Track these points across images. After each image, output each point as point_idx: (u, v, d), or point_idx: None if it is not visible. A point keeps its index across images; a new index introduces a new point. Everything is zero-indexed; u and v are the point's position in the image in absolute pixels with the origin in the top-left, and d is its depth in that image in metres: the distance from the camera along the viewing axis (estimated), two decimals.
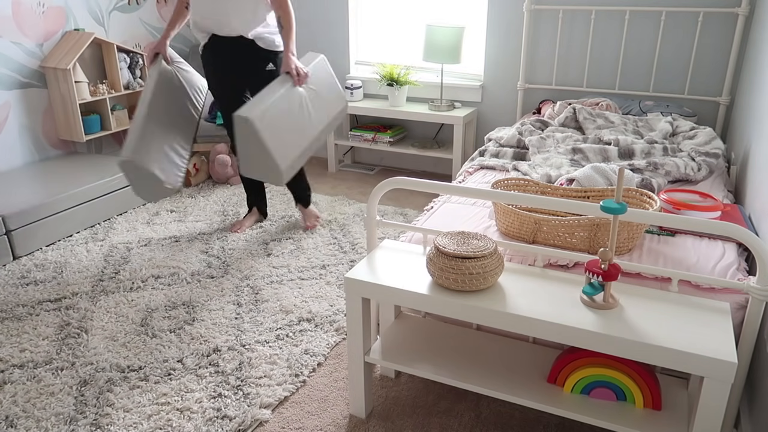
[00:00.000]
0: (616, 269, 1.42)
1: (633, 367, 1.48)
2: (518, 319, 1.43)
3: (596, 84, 3.51)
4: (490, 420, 1.79)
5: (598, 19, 3.39)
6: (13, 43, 3.29)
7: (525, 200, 1.58)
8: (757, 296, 1.41)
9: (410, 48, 4.02)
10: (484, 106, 3.87)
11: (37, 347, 2.14)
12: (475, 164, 2.72)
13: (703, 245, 1.82)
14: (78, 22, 3.65)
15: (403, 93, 3.85)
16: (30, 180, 3.14)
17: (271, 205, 3.48)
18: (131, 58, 3.82)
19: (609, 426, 1.46)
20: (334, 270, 2.70)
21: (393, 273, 1.63)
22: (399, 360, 1.71)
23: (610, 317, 1.41)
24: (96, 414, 1.81)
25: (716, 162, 2.50)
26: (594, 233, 1.73)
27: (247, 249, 2.92)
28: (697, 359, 1.27)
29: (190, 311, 2.37)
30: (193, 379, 1.97)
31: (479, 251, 1.49)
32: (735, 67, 3.14)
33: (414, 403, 1.87)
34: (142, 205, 3.48)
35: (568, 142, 2.74)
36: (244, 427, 1.75)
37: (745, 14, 3.02)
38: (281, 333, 2.21)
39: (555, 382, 1.58)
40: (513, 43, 3.64)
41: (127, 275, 2.66)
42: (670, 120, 2.88)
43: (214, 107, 3.87)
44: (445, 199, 2.26)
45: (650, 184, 2.27)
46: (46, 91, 3.50)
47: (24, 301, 2.45)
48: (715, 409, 1.30)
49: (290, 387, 1.93)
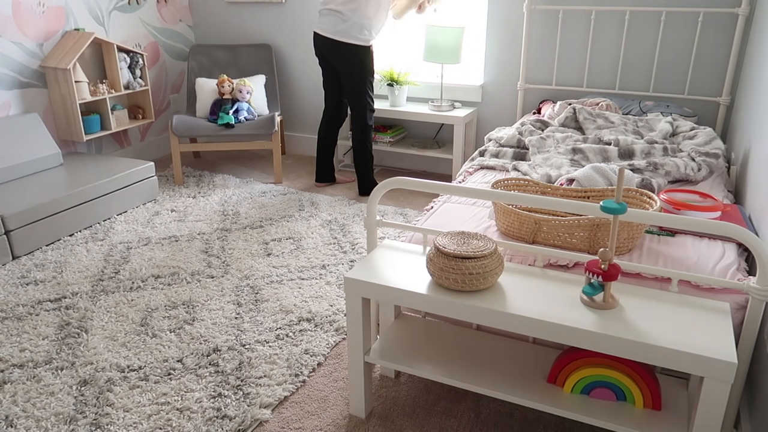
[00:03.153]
0: (616, 269, 1.42)
1: (633, 367, 1.48)
2: (518, 319, 1.43)
3: (596, 84, 3.51)
4: (489, 420, 1.79)
5: (598, 19, 3.39)
6: (13, 43, 3.29)
7: (525, 200, 1.58)
8: (757, 296, 1.41)
9: (410, 48, 4.02)
10: (484, 106, 3.87)
11: (37, 347, 2.14)
12: (475, 164, 2.72)
13: (703, 245, 1.82)
14: (78, 22, 3.65)
15: (403, 93, 3.85)
16: (30, 180, 3.15)
17: (272, 205, 3.49)
18: (131, 58, 3.82)
19: (609, 426, 1.46)
20: (334, 270, 2.70)
21: (393, 273, 1.63)
22: (399, 360, 1.71)
23: (610, 317, 1.41)
24: (96, 414, 1.81)
25: (716, 162, 2.49)
26: (594, 233, 1.73)
27: (247, 249, 2.92)
28: (697, 359, 1.27)
29: (190, 311, 2.37)
30: (193, 378, 1.97)
31: (479, 251, 1.49)
32: (735, 67, 3.14)
33: (414, 403, 1.87)
34: (142, 204, 3.48)
35: (568, 142, 2.74)
36: (244, 427, 1.75)
37: (745, 14, 3.02)
38: (281, 333, 2.21)
39: (555, 382, 1.58)
40: (513, 43, 3.64)
41: (127, 275, 2.66)
42: (670, 120, 2.88)
43: (215, 107, 3.87)
44: (445, 199, 2.26)
45: (650, 185, 2.27)
46: (46, 91, 3.50)
47: (24, 301, 2.45)
48: (715, 409, 1.30)
49: (290, 387, 1.93)
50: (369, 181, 3.66)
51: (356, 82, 3.43)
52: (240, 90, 3.87)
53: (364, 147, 3.57)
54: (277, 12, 4.25)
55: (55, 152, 3.34)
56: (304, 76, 4.35)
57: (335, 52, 3.38)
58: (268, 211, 3.41)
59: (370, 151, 3.60)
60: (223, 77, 3.89)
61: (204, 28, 4.55)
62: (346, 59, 3.38)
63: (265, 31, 4.34)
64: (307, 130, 4.53)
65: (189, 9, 4.52)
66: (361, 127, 3.53)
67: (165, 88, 4.42)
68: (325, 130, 3.71)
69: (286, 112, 4.54)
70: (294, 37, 4.27)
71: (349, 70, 3.41)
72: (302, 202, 3.54)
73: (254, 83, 4.02)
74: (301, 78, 4.37)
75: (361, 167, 3.63)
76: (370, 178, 3.66)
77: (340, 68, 3.44)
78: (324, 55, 3.45)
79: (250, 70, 4.22)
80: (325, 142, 3.74)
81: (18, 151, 3.18)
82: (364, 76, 3.44)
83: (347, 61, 3.38)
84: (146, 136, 4.34)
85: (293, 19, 4.22)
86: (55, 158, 3.35)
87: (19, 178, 3.18)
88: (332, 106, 3.65)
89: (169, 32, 4.36)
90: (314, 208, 3.44)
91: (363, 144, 3.57)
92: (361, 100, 3.47)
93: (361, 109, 3.49)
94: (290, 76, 4.40)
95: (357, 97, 3.47)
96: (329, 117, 3.68)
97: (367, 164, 3.62)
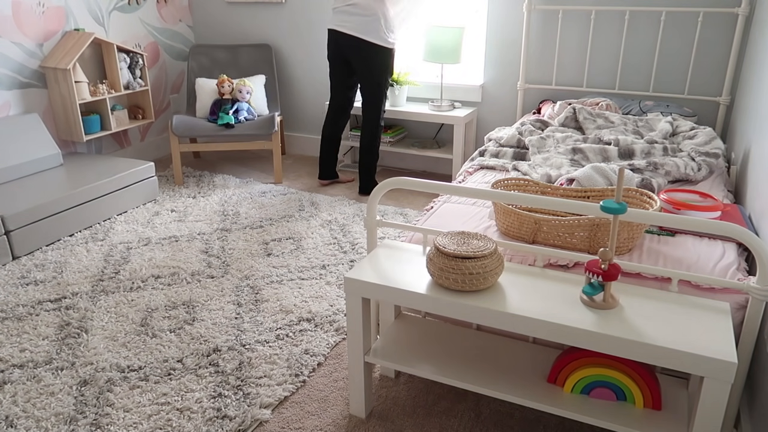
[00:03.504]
0: (616, 269, 1.42)
1: (633, 367, 1.48)
2: (518, 319, 1.43)
3: (596, 84, 3.51)
4: (489, 420, 1.79)
5: (598, 19, 3.39)
6: (13, 43, 3.29)
7: (525, 200, 1.58)
8: (757, 296, 1.41)
9: (410, 48, 4.02)
10: (484, 106, 3.87)
11: (37, 347, 2.14)
12: (475, 164, 2.72)
13: (703, 245, 1.82)
14: (78, 22, 3.65)
15: (403, 93, 3.85)
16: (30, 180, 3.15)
17: (272, 205, 3.49)
18: (131, 58, 3.82)
19: (609, 426, 1.46)
20: (334, 270, 2.70)
21: (393, 273, 1.63)
22: (399, 360, 1.71)
23: (610, 317, 1.41)
24: (96, 414, 1.81)
25: (716, 162, 2.50)
26: (594, 233, 1.73)
27: (247, 249, 2.92)
28: (697, 359, 1.27)
29: (190, 311, 2.37)
30: (193, 379, 1.97)
31: (479, 251, 1.49)
32: (735, 67, 3.14)
33: (414, 403, 1.87)
34: (142, 205, 3.48)
35: (568, 142, 2.74)
36: (244, 427, 1.75)
37: (745, 14, 3.02)
38: (281, 333, 2.21)
39: (555, 382, 1.58)
40: (513, 43, 3.64)
41: (127, 275, 2.66)
42: (670, 120, 2.88)
43: (215, 107, 3.87)
44: (445, 199, 2.26)
45: (650, 184, 2.27)
46: (46, 91, 3.50)
47: (24, 301, 2.45)
48: (715, 409, 1.30)
49: (290, 387, 1.93)
50: (371, 182, 3.66)
51: (376, 82, 3.42)
52: (240, 90, 3.87)
53: (372, 147, 3.57)
54: (277, 12, 4.25)
55: (55, 152, 3.34)
56: (304, 76, 4.35)
57: (358, 50, 3.35)
58: (268, 211, 3.41)
59: (377, 152, 3.60)
60: (223, 77, 3.89)
61: (204, 28, 4.55)
62: (369, 59, 3.36)
63: (265, 31, 4.34)
64: (307, 130, 4.53)
65: (189, 9, 4.52)
66: (372, 128, 3.53)
67: (165, 88, 4.42)
68: (330, 126, 3.69)
69: (286, 112, 4.54)
70: (294, 37, 4.27)
71: (370, 71, 3.40)
72: (302, 202, 3.54)
73: (254, 83, 4.02)
74: (301, 78, 4.37)
75: (366, 167, 3.62)
76: (373, 178, 3.66)
77: (361, 68, 3.41)
78: (344, 53, 3.42)
79: (250, 70, 4.23)
80: (329, 139, 3.72)
81: (18, 152, 3.18)
82: (384, 78, 3.43)
83: (370, 61, 3.37)
84: (146, 137, 4.34)
85: (293, 19, 4.22)
86: (55, 158, 3.35)
87: (19, 178, 3.18)
88: (340, 102, 3.62)
89: (169, 32, 4.36)
90: (314, 208, 3.44)
91: (371, 144, 3.56)
92: (376, 100, 3.47)
93: (376, 110, 3.49)
94: (290, 76, 4.40)
95: (373, 98, 3.47)
96: (335, 114, 3.66)
97: (372, 165, 3.62)
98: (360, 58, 3.38)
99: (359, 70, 3.44)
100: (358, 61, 3.40)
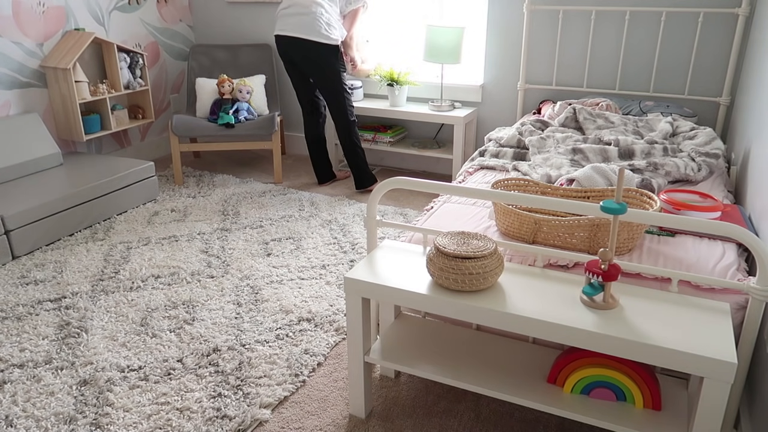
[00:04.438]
0: (616, 269, 1.42)
1: (633, 368, 1.48)
2: (518, 319, 1.43)
3: (596, 84, 3.51)
4: (489, 420, 1.79)
5: (598, 19, 3.39)
6: (13, 42, 3.29)
7: (525, 200, 1.58)
8: (757, 296, 1.41)
9: (410, 48, 4.02)
10: (484, 106, 3.87)
11: (37, 347, 2.14)
12: (475, 164, 2.72)
13: (703, 245, 1.82)
14: (78, 21, 3.65)
15: (403, 93, 3.85)
16: (30, 180, 3.14)
17: (272, 205, 3.49)
18: (131, 58, 3.82)
19: (609, 426, 1.46)
20: (334, 270, 2.70)
21: (393, 273, 1.63)
22: (399, 360, 1.71)
23: (610, 317, 1.41)
24: (96, 414, 1.81)
25: (716, 162, 2.49)
26: (594, 233, 1.73)
27: (247, 249, 2.92)
28: (697, 359, 1.27)
29: (190, 311, 2.37)
30: (193, 378, 1.97)
31: (479, 251, 1.49)
32: (735, 68, 3.14)
33: (413, 403, 1.87)
34: (142, 204, 3.48)
35: (568, 142, 2.74)
36: (244, 427, 1.75)
37: (745, 14, 3.02)
38: (281, 333, 2.21)
39: (555, 382, 1.58)
40: (513, 43, 3.64)
41: (127, 275, 2.66)
42: (670, 120, 2.88)
43: (215, 107, 3.87)
44: (445, 199, 2.26)
45: (650, 185, 2.27)
46: (46, 91, 3.50)
47: (24, 301, 2.45)
48: (715, 409, 1.30)
49: (290, 387, 1.93)
50: (365, 174, 3.68)
51: (330, 81, 3.44)
52: (240, 90, 3.87)
53: (352, 142, 3.59)
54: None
55: (55, 152, 3.34)
56: None
57: (303, 51, 3.37)
58: (268, 211, 3.41)
59: (359, 144, 3.62)
60: (223, 77, 3.89)
61: (204, 28, 4.55)
62: (315, 58, 3.38)
63: (265, 31, 4.34)
64: None
65: (189, 9, 4.52)
66: (344, 125, 3.55)
67: (165, 88, 4.42)
68: (309, 130, 3.73)
69: (286, 112, 4.54)
70: None
71: (320, 70, 3.42)
72: (302, 202, 3.54)
73: (254, 83, 4.02)
74: None
75: (354, 162, 3.65)
76: (365, 170, 3.68)
77: (309, 68, 3.44)
78: (291, 56, 3.45)
79: (250, 70, 4.23)
80: (314, 143, 3.76)
81: (18, 151, 3.18)
82: (336, 74, 3.44)
83: (316, 60, 3.38)
84: (146, 136, 4.34)
85: None
86: (55, 158, 3.35)
87: (19, 178, 3.18)
88: (307, 106, 3.66)
89: (169, 32, 4.36)
90: (314, 208, 3.44)
91: (350, 140, 3.59)
92: (338, 98, 3.48)
93: (341, 107, 3.51)
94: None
95: (334, 96, 3.48)
96: (309, 117, 3.70)
97: (359, 158, 3.64)
98: (306, 59, 3.40)
99: (308, 71, 3.47)
100: (306, 62, 3.42)
